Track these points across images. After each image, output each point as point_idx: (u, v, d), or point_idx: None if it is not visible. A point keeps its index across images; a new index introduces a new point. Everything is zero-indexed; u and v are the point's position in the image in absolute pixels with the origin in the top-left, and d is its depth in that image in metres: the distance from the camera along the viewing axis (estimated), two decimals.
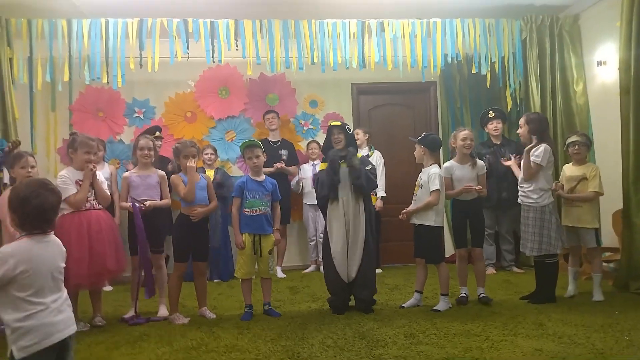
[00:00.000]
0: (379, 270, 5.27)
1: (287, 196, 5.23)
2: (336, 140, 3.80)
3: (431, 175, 3.69)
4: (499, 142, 5.19)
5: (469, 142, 3.88)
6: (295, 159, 5.54)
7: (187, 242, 3.59)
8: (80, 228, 3.35)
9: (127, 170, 4.03)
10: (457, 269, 3.92)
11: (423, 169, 3.80)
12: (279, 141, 5.50)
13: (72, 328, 1.91)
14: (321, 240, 5.07)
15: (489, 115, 5.23)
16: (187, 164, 3.56)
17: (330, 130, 3.87)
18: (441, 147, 4.52)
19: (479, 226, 3.91)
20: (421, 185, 3.73)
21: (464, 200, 3.88)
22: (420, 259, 3.79)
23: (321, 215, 5.06)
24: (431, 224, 3.69)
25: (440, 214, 3.73)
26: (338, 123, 3.92)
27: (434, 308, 3.62)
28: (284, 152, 5.41)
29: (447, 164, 3.98)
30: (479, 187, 3.81)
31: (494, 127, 5.18)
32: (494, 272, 5.05)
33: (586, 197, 3.82)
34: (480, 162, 3.94)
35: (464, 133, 3.90)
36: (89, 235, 3.35)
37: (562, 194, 3.94)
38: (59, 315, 1.85)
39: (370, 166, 3.83)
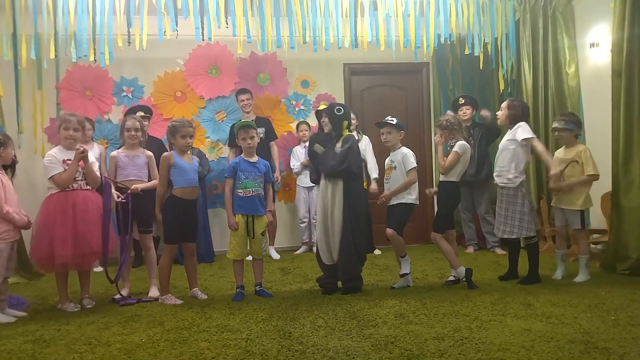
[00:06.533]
0: (377, 252, 5.33)
1: None
2: (323, 124, 3.81)
3: (405, 155, 3.75)
4: (469, 124, 5.28)
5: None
6: (273, 134, 5.44)
7: (177, 223, 3.57)
8: (65, 208, 3.31)
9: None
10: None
11: (392, 152, 3.84)
12: (253, 120, 5.34)
13: None
14: (314, 221, 5.13)
15: (459, 102, 5.39)
16: None
17: (318, 114, 3.88)
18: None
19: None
20: (394, 167, 3.77)
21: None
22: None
23: (313, 196, 5.05)
24: (410, 202, 3.75)
25: (415, 192, 3.78)
26: (323, 106, 3.89)
27: (402, 272, 3.73)
28: (260, 131, 5.31)
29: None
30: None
31: (463, 112, 5.32)
32: (472, 251, 5.32)
33: (581, 181, 3.80)
34: (458, 142, 3.85)
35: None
36: (74, 216, 3.30)
37: (554, 187, 3.86)
38: None
39: (348, 144, 3.64)
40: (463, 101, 5.39)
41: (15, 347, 2.67)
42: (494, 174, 3.96)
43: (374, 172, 5.29)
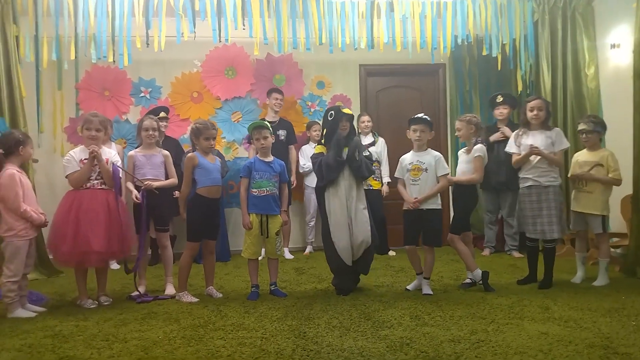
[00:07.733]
0: (392, 253, 5.32)
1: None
2: (343, 128, 3.78)
3: (439, 159, 3.67)
4: (504, 125, 5.14)
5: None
6: (293, 138, 5.46)
7: (201, 221, 3.59)
8: (71, 206, 3.37)
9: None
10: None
11: (418, 153, 3.72)
12: (276, 121, 5.33)
13: None
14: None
15: (497, 100, 5.18)
16: None
17: (340, 117, 3.75)
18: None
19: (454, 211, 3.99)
20: (425, 169, 3.66)
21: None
22: (412, 246, 3.74)
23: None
24: (439, 207, 3.70)
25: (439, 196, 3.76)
26: (350, 112, 3.84)
27: (425, 292, 3.61)
28: (282, 133, 5.32)
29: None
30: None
31: (500, 112, 5.17)
32: (488, 254, 5.25)
33: (610, 181, 3.75)
34: (477, 146, 3.82)
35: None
36: (77, 214, 3.34)
37: (578, 173, 3.84)
38: None
39: (368, 153, 3.89)
40: (501, 99, 5.14)
41: (35, 341, 2.72)
42: (532, 176, 3.75)
43: (386, 177, 5.32)
